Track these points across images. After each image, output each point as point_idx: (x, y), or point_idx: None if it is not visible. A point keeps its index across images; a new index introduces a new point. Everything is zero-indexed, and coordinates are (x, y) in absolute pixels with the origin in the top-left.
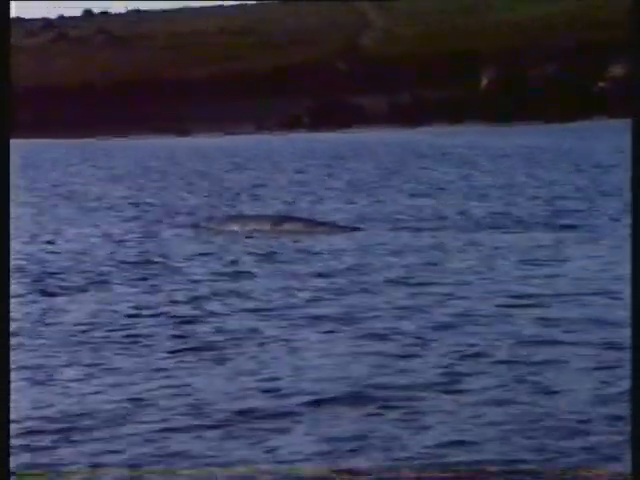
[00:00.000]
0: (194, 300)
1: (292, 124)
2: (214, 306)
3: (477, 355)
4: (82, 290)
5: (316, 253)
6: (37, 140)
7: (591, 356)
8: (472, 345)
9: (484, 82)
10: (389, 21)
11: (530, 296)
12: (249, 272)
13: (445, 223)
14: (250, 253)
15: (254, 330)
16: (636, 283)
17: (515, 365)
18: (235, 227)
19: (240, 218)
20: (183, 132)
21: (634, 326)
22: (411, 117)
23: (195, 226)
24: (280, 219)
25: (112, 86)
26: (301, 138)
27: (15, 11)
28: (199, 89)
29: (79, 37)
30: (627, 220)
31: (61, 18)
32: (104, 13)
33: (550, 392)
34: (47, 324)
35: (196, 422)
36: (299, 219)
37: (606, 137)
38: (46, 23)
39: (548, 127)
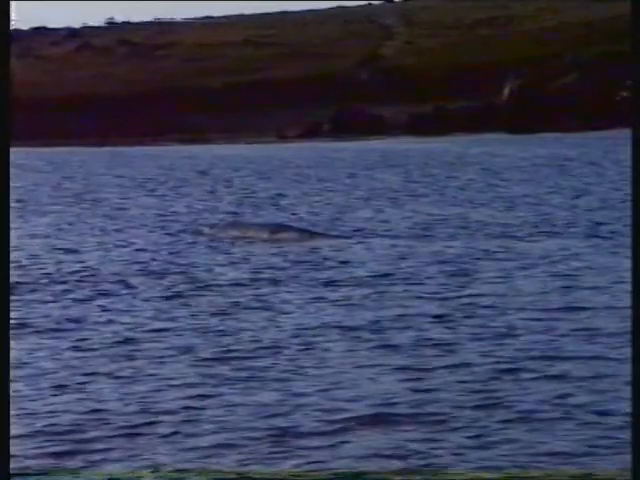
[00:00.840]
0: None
1: (313, 133)
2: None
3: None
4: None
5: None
6: (59, 148)
7: None
8: None
9: (505, 92)
10: (411, 32)
11: None
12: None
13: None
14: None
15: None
16: (636, 285)
17: None
18: (235, 234)
19: (240, 226)
20: (205, 141)
21: (634, 328)
22: (432, 127)
23: (198, 233)
24: (278, 228)
25: (134, 95)
26: (323, 147)
27: (40, 20)
28: (221, 99)
29: (102, 46)
30: None
31: (85, 27)
32: (127, 22)
33: None
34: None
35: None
36: (295, 229)
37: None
38: (70, 32)
39: (570, 137)
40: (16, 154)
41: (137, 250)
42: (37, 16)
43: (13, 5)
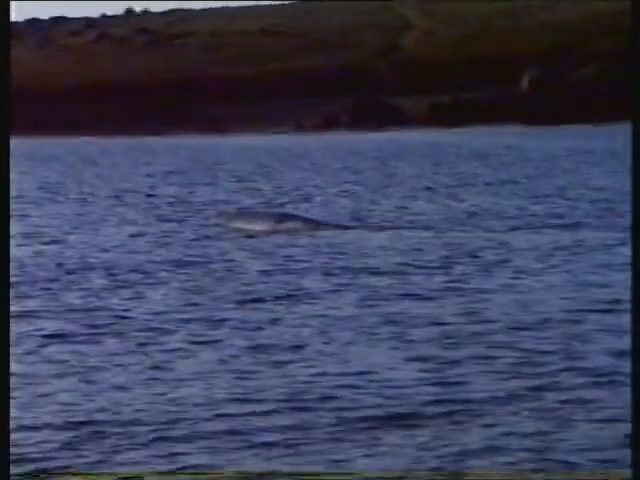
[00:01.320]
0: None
1: (331, 124)
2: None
3: None
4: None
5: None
6: (77, 138)
7: None
8: None
9: (524, 83)
10: (429, 22)
11: None
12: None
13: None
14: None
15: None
16: (636, 285)
17: None
18: (241, 224)
19: (246, 215)
20: (222, 131)
21: (634, 329)
22: (450, 118)
23: (204, 223)
24: (281, 217)
25: (152, 85)
26: (342, 138)
27: (59, 10)
28: (239, 89)
29: (121, 36)
30: None
31: (103, 17)
32: (145, 12)
33: None
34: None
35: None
36: (299, 217)
37: None
38: (89, 22)
39: (590, 129)
40: (38, 144)
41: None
42: (56, 6)
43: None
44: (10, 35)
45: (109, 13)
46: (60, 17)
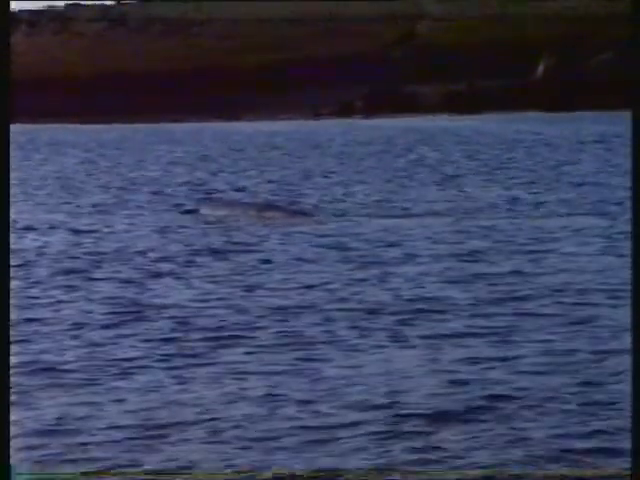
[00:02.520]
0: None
1: (346, 111)
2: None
3: None
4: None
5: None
6: (96, 125)
7: None
8: None
9: (539, 70)
10: (444, 10)
11: None
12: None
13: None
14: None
15: None
16: (636, 283)
17: None
18: (225, 212)
19: (228, 204)
20: (239, 118)
21: (634, 328)
22: (465, 105)
23: (194, 211)
24: (264, 206)
25: (169, 73)
26: (358, 125)
27: None
28: (254, 77)
29: (137, 23)
30: None
31: (120, 4)
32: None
33: None
34: None
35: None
36: (280, 207)
37: None
38: (105, 9)
39: (608, 115)
40: (54, 130)
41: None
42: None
43: None
44: (10, 34)
45: (125, 1)
46: (76, 4)
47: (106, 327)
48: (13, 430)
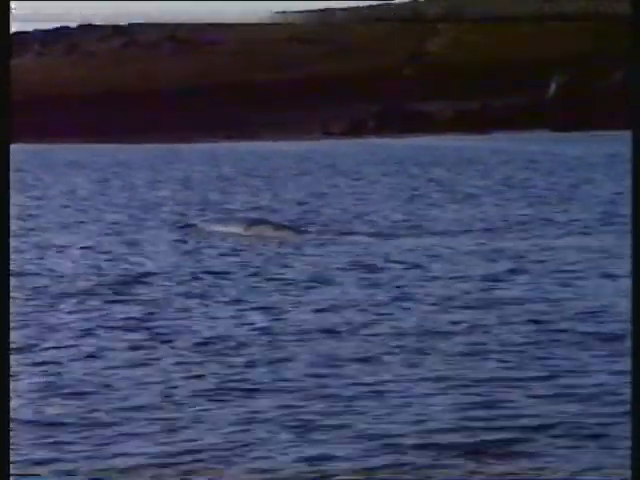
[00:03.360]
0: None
1: (358, 130)
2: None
3: None
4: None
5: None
6: (107, 145)
7: None
8: None
9: (552, 89)
10: (457, 28)
11: None
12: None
13: None
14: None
15: None
16: (636, 283)
17: None
18: (218, 229)
19: (222, 220)
20: (251, 137)
21: (634, 327)
22: (477, 124)
23: (187, 227)
24: (253, 222)
25: (181, 92)
26: (371, 143)
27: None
28: (266, 95)
29: (148, 43)
30: None
31: (131, 24)
32: (174, 18)
33: None
34: None
35: None
36: (270, 222)
37: None
38: (117, 29)
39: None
40: (64, 150)
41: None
42: (84, 12)
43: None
44: (10, 35)
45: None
46: (88, 25)
47: None
48: None
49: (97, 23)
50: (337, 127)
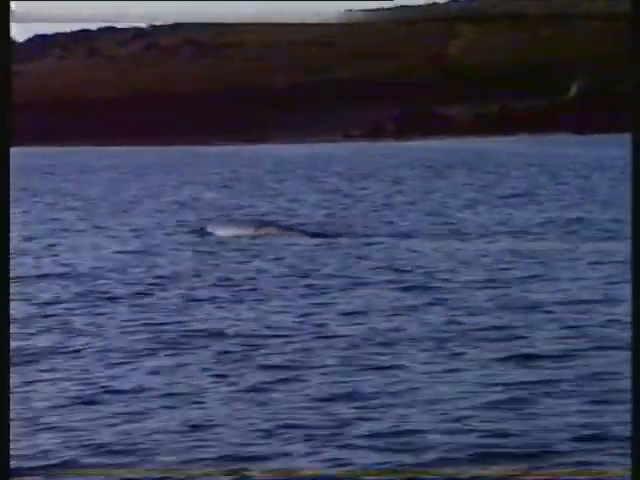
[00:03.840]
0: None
1: (377, 133)
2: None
3: None
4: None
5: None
6: (123, 148)
7: None
8: None
9: (572, 91)
10: (476, 31)
11: None
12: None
13: None
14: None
15: None
16: (636, 283)
17: None
18: (231, 232)
19: (233, 222)
20: (269, 141)
21: (634, 327)
22: (497, 126)
23: (202, 230)
24: (261, 224)
25: (200, 95)
26: (391, 146)
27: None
28: (284, 99)
29: (168, 46)
30: None
31: (151, 27)
32: (193, 22)
33: None
34: None
35: None
36: (276, 224)
37: None
38: (137, 32)
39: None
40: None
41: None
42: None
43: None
44: (10, 35)
45: (157, 24)
46: (108, 27)
47: None
48: None
49: (117, 26)
50: (356, 130)
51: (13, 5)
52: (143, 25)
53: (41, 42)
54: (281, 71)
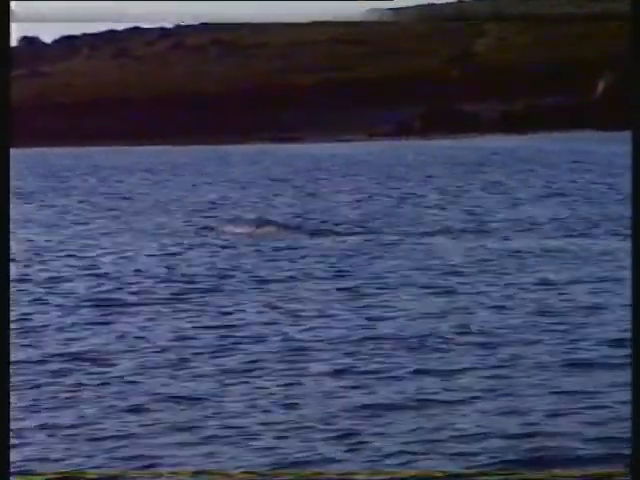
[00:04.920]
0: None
1: (403, 131)
2: None
3: None
4: None
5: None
6: (151, 147)
7: None
8: None
9: (599, 89)
10: (502, 28)
11: None
12: None
13: None
14: None
15: None
16: (636, 282)
17: None
18: (236, 230)
19: (237, 222)
20: (295, 140)
21: (634, 326)
22: (524, 124)
23: (211, 229)
24: (261, 222)
25: (227, 94)
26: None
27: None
28: (310, 97)
29: (194, 46)
30: None
31: (177, 27)
32: (219, 21)
33: None
34: None
35: None
36: (275, 223)
37: None
38: (164, 32)
39: None
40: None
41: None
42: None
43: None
44: (10, 35)
45: (184, 23)
46: (135, 27)
47: None
48: None
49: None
50: (382, 129)
51: (13, 5)
52: (169, 25)
53: (68, 42)
54: (307, 70)
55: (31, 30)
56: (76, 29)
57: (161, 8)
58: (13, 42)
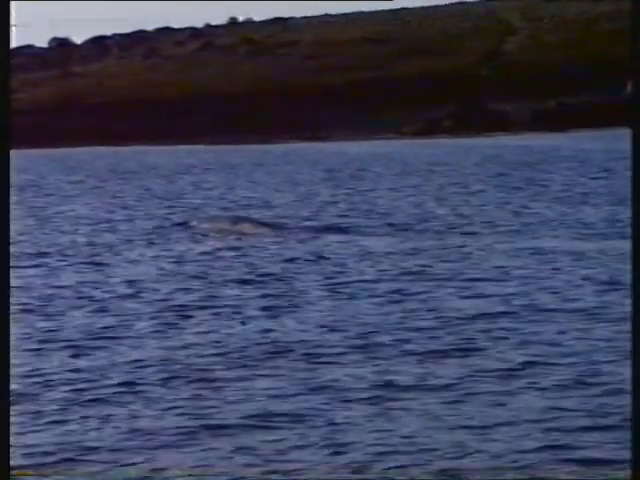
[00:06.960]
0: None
1: (432, 130)
2: None
3: None
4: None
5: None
6: (183, 147)
7: None
8: None
9: (629, 87)
10: (533, 27)
11: None
12: None
13: None
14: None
15: None
16: (636, 281)
17: None
18: (207, 226)
19: (213, 219)
20: (326, 139)
21: (634, 325)
22: (554, 123)
23: (188, 225)
24: (237, 219)
25: (258, 94)
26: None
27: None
28: (341, 97)
29: (224, 45)
30: None
31: (207, 27)
32: (248, 21)
33: None
34: None
35: None
36: (252, 220)
37: None
38: (193, 32)
39: None
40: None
41: None
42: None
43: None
44: (10, 36)
45: (213, 23)
46: (165, 28)
47: None
48: None
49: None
50: (410, 127)
51: (104, 29)
52: (199, 25)
53: (99, 43)
54: (337, 69)
55: (62, 31)
56: (106, 29)
57: (191, 8)
58: (44, 43)
